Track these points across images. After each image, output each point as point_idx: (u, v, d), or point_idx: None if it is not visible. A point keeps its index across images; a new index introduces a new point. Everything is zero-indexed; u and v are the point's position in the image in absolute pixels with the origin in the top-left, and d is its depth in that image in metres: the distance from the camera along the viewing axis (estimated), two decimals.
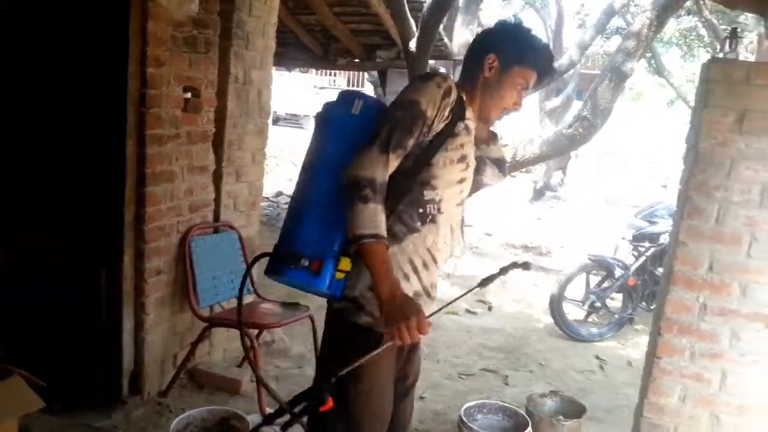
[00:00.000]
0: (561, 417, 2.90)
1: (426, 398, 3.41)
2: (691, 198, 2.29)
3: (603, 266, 4.90)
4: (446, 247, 1.82)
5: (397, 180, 1.67)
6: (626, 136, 15.38)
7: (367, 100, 1.74)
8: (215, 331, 3.26)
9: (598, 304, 4.85)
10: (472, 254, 7.09)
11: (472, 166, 1.83)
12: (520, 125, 11.31)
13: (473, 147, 1.83)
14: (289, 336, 3.88)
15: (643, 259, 4.85)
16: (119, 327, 2.86)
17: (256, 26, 3.47)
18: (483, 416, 2.87)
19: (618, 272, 4.79)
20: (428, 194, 1.72)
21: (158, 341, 3.05)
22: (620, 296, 5.04)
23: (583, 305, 4.88)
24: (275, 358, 3.72)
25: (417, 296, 1.73)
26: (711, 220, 2.27)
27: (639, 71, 10.48)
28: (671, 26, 11.87)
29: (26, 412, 1.96)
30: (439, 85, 1.67)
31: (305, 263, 1.62)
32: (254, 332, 3.04)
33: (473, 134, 1.81)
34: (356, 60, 7.42)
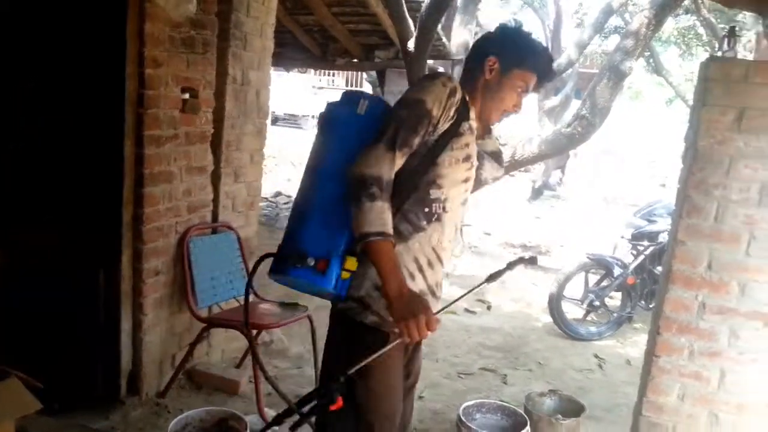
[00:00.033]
0: (560, 416, 2.90)
1: (425, 397, 3.41)
2: (690, 196, 2.29)
3: (602, 265, 4.90)
4: (450, 246, 1.82)
5: (403, 179, 1.67)
6: (625, 135, 15.41)
7: (372, 100, 1.74)
8: (214, 331, 3.26)
9: (597, 302, 4.85)
10: (471, 253, 7.10)
11: (476, 165, 1.84)
12: (519, 124, 11.30)
13: (476, 146, 1.84)
14: (288, 336, 3.88)
15: (641, 257, 4.85)
16: (117, 327, 2.86)
17: (254, 27, 3.47)
18: (482, 415, 2.87)
19: (617, 271, 4.79)
20: (434, 193, 1.72)
21: (156, 342, 3.05)
22: (619, 295, 5.05)
23: (582, 304, 4.88)
24: (274, 359, 3.72)
25: (422, 295, 1.72)
26: (710, 218, 2.27)
27: (637, 70, 10.48)
28: (669, 25, 11.89)
29: (23, 413, 1.95)
30: (445, 85, 1.67)
31: (311, 262, 1.62)
32: (253, 332, 3.03)
33: (476, 134, 1.82)
34: (355, 60, 7.42)
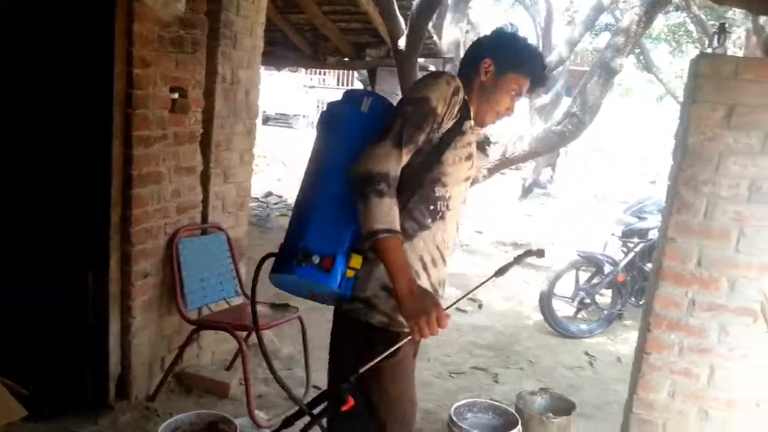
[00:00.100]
0: (551, 414, 2.90)
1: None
2: (680, 193, 2.29)
3: (592, 262, 4.92)
4: (452, 245, 1.83)
5: (407, 176, 1.66)
6: (615, 132, 15.45)
7: (375, 98, 1.75)
8: (203, 333, 3.23)
9: (588, 300, 4.86)
10: (463, 252, 7.10)
11: (476, 164, 1.84)
12: (510, 122, 11.31)
13: (476, 146, 1.85)
14: (279, 337, 3.86)
15: (632, 255, 4.87)
16: (106, 330, 2.83)
17: (244, 26, 3.44)
18: (473, 415, 2.87)
19: (607, 268, 4.81)
20: (439, 191, 1.72)
21: (145, 344, 3.02)
22: (609, 292, 5.06)
23: (573, 302, 4.89)
24: (264, 360, 3.69)
25: None
26: (699, 215, 2.28)
27: (628, 67, 10.53)
28: (660, 22, 11.94)
29: (8, 420, 1.93)
30: (449, 83, 1.68)
31: (316, 260, 1.60)
32: (243, 334, 3.02)
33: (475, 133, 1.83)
34: (346, 59, 7.41)
